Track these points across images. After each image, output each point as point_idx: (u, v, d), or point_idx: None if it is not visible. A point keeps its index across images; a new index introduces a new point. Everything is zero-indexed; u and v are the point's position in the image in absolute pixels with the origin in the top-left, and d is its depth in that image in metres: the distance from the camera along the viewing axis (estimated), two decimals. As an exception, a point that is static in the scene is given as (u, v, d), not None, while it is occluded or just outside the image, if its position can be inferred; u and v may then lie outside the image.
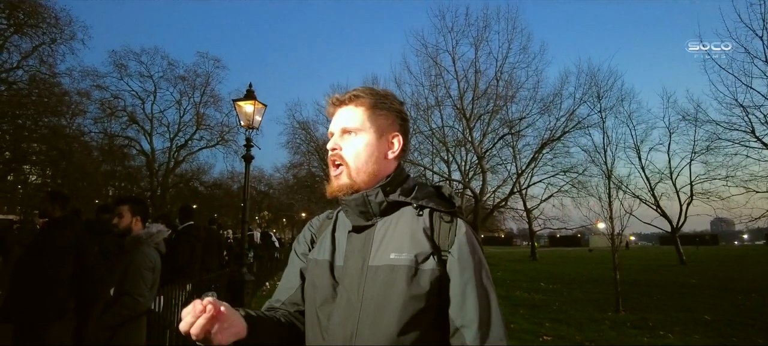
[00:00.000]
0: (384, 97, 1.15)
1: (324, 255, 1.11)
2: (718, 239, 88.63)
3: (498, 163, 26.56)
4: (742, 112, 17.13)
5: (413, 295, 0.94)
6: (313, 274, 1.11)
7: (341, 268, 1.06)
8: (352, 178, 1.09)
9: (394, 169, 1.13)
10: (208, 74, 29.66)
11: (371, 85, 1.22)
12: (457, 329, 0.95)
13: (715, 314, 7.65)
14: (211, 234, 8.71)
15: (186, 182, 32.01)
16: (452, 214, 1.06)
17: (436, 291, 0.97)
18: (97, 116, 25.83)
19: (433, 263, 0.98)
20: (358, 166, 1.09)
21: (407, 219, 1.06)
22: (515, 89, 23.47)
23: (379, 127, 1.12)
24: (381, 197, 1.08)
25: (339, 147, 1.12)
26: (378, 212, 1.08)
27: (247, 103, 7.37)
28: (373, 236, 1.06)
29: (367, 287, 0.98)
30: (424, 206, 1.07)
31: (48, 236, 3.86)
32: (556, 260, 28.13)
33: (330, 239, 1.14)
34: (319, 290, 1.06)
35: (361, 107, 1.13)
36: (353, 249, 1.07)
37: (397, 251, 1.00)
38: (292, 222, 51.22)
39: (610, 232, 9.26)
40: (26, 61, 18.75)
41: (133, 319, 2.61)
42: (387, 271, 0.98)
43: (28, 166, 19.62)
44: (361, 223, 1.09)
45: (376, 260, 1.01)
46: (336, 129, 1.14)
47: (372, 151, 1.10)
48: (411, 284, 0.95)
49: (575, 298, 10.05)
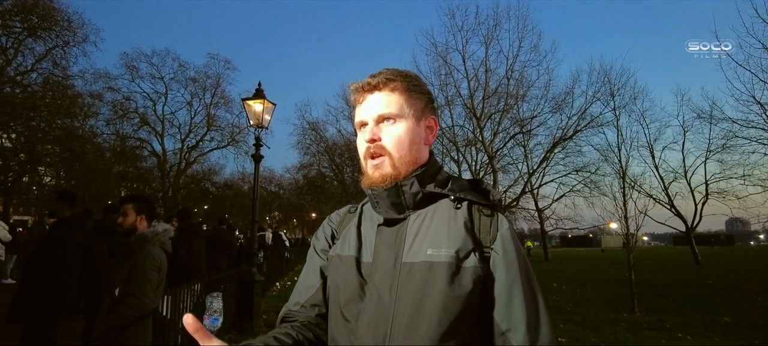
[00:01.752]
0: (416, 80, 1.07)
1: (349, 251, 1.02)
2: (733, 240, 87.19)
3: (509, 162, 26.28)
4: (759, 109, 16.76)
5: (455, 295, 0.85)
6: (337, 271, 1.02)
7: (370, 265, 0.97)
8: (396, 167, 0.99)
9: (428, 158, 1.05)
10: (219, 75, 29.92)
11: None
12: (503, 333, 0.87)
13: (734, 316, 7.46)
14: (220, 234, 8.72)
15: (197, 183, 32.27)
16: (492, 207, 0.99)
17: (479, 291, 0.88)
18: (109, 118, 26.20)
19: (475, 261, 0.89)
20: (402, 154, 0.99)
21: (444, 212, 0.97)
22: (526, 88, 23.22)
23: (417, 111, 1.04)
24: (416, 188, 0.99)
25: (378, 138, 1.01)
26: (412, 204, 1.00)
27: (257, 102, 7.33)
28: (406, 231, 0.97)
29: (400, 286, 0.89)
30: (462, 199, 0.99)
31: (56, 235, 3.86)
32: (569, 260, 27.84)
33: (355, 233, 1.05)
34: (344, 288, 0.97)
35: (397, 92, 1.03)
36: (384, 244, 0.98)
37: (435, 246, 0.91)
38: (302, 222, 51.39)
39: (624, 232, 9.09)
40: (40, 64, 19.02)
41: (138, 320, 2.56)
42: (424, 268, 0.89)
43: (42, 167, 19.87)
44: (392, 216, 1.00)
45: (410, 256, 0.92)
46: (370, 117, 1.02)
47: (413, 138, 1.01)
48: (452, 284, 0.86)
49: (589, 298, 9.90)
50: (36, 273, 3.71)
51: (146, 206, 2.85)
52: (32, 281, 3.70)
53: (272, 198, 44.03)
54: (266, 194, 42.20)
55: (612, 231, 16.69)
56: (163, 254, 2.79)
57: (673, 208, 23.87)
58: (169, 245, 2.87)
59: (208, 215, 32.62)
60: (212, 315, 1.96)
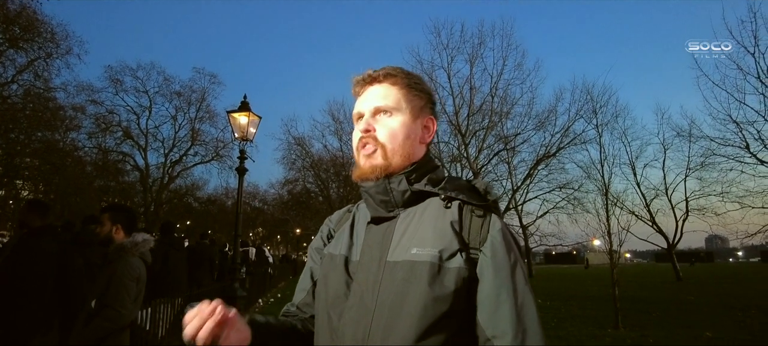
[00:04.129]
0: (418, 78, 1.07)
1: (340, 249, 1.01)
2: (713, 256, 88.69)
3: (493, 179, 26.41)
4: (736, 128, 17.19)
5: (436, 296, 0.82)
6: (326, 269, 1.01)
7: (357, 263, 0.96)
8: (388, 158, 0.98)
9: (422, 156, 1.04)
10: (204, 90, 29.64)
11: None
12: (489, 339, 0.82)
13: (716, 331, 7.53)
14: (202, 249, 8.58)
15: (180, 198, 31.74)
16: (485, 208, 0.94)
17: (464, 293, 0.85)
18: (91, 131, 25.72)
19: (460, 261, 0.86)
20: (394, 146, 0.99)
21: (433, 211, 0.95)
22: (510, 105, 23.62)
23: (415, 108, 1.04)
24: (405, 186, 0.98)
25: (372, 129, 1.01)
26: (401, 201, 0.98)
27: (242, 115, 7.30)
28: (394, 229, 0.96)
29: (383, 285, 0.87)
30: (453, 198, 0.95)
31: (27, 246, 3.71)
32: (553, 277, 27.95)
33: (348, 232, 1.05)
34: (330, 286, 0.96)
35: (396, 86, 1.03)
36: (371, 242, 0.97)
37: (420, 246, 0.89)
38: (286, 239, 50.83)
39: (607, 248, 9.18)
40: (21, 76, 18.61)
41: (115, 332, 2.49)
42: (407, 267, 0.87)
43: (20, 181, 19.39)
44: (381, 213, 0.99)
45: (395, 255, 0.90)
46: (367, 108, 1.03)
47: (408, 133, 1.01)
48: (433, 284, 0.83)
49: (573, 315, 9.92)
50: (5, 287, 3.57)
51: (122, 215, 2.78)
52: (3, 295, 3.56)
53: (256, 214, 43.54)
54: (250, 209, 41.75)
55: (595, 248, 16.79)
56: (143, 265, 2.73)
57: (655, 225, 24.24)
58: (148, 255, 2.81)
59: (191, 230, 32.09)
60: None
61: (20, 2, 16.24)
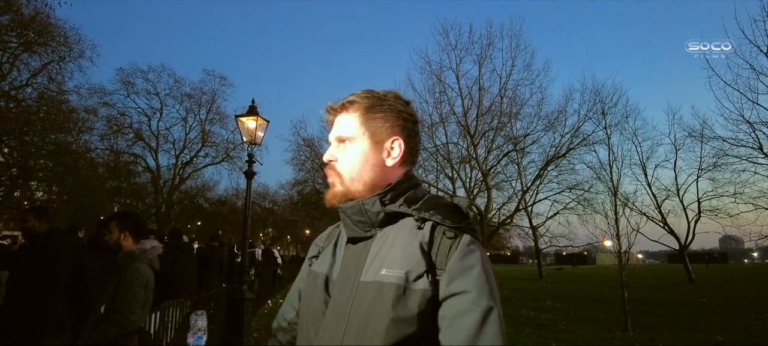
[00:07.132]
0: (381, 99, 1.06)
1: (322, 268, 1.04)
2: (727, 257, 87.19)
3: (503, 180, 26.32)
4: (748, 128, 16.97)
5: (399, 317, 0.83)
6: (308, 288, 1.05)
7: (334, 282, 1.00)
8: (346, 185, 1.02)
9: (398, 178, 1.03)
10: (214, 92, 30.00)
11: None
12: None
13: (727, 335, 7.45)
14: (212, 251, 8.67)
15: (191, 199, 32.10)
16: (458, 229, 0.93)
17: (429, 315, 0.85)
18: (103, 133, 26.15)
19: (425, 283, 0.86)
20: (352, 175, 1.02)
21: (406, 232, 0.95)
22: (519, 106, 23.36)
23: (374, 132, 1.03)
24: (378, 207, 0.99)
25: (334, 159, 1.05)
26: (376, 222, 0.99)
27: (250, 119, 7.36)
28: (369, 249, 0.97)
29: (354, 305, 0.89)
30: (426, 219, 0.95)
31: (38, 247, 3.78)
32: (563, 278, 27.76)
33: (331, 251, 1.08)
34: (311, 304, 1.00)
35: (355, 113, 1.05)
36: (347, 262, 1.00)
37: (389, 266, 0.89)
38: (296, 239, 51.06)
39: (616, 249, 9.11)
40: (35, 79, 19.00)
41: (123, 338, 2.54)
42: (375, 288, 0.88)
43: (34, 182, 19.73)
44: (357, 233, 1.01)
45: (367, 275, 0.92)
46: (331, 138, 1.08)
47: (367, 159, 1.02)
48: (397, 305, 0.83)
49: (582, 317, 9.86)
50: (15, 291, 3.64)
51: (130, 222, 2.82)
52: (12, 299, 3.63)
53: (266, 214, 43.80)
54: (260, 210, 41.98)
55: (606, 249, 16.63)
56: (151, 271, 2.77)
57: (666, 225, 23.93)
58: (156, 262, 2.86)
59: (202, 231, 32.34)
60: (196, 333, 1.96)
61: (34, 7, 16.49)
